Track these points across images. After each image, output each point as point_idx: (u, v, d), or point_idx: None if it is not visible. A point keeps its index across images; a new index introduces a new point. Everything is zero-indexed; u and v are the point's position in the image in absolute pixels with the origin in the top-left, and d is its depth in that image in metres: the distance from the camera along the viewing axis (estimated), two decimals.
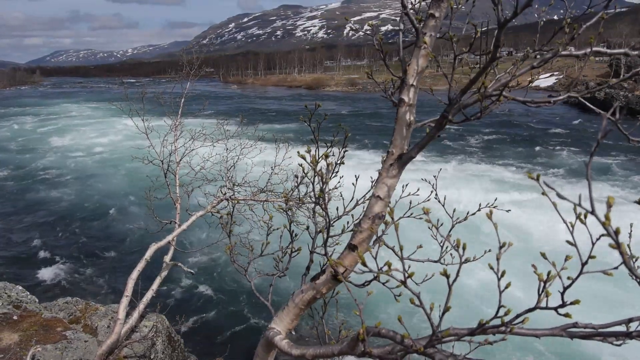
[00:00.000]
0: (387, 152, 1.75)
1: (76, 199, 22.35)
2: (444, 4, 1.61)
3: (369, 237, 1.78)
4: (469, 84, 1.51)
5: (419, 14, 1.71)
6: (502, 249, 1.16)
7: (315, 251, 1.93)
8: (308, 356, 1.63)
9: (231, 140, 9.45)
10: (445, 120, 1.59)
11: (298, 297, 1.90)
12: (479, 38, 1.88)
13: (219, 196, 8.85)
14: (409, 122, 1.71)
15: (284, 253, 2.42)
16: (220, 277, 13.68)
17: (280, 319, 1.93)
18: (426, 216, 1.37)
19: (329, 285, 1.84)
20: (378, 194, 1.74)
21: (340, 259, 1.81)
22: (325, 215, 1.82)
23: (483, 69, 1.46)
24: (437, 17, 1.62)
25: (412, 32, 1.91)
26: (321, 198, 1.78)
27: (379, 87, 2.15)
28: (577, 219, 1.05)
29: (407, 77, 1.67)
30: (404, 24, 1.73)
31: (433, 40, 1.63)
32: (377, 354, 1.37)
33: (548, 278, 1.17)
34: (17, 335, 7.44)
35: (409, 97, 1.69)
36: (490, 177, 22.91)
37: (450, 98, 1.56)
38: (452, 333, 1.20)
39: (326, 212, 1.81)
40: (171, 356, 9.15)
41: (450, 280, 1.14)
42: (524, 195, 18.58)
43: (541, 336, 1.33)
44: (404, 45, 1.74)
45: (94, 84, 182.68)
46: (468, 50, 1.56)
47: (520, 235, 13.35)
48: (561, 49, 1.48)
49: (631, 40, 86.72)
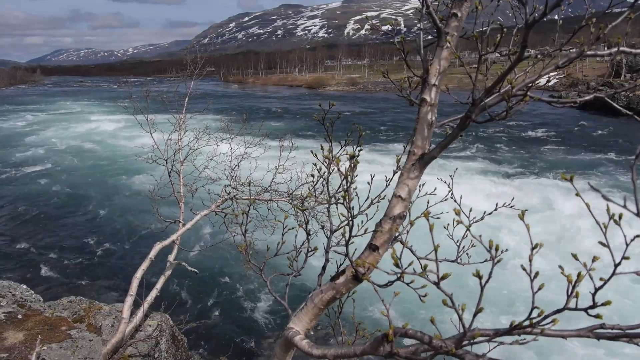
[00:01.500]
0: (408, 152, 1.75)
1: (80, 198, 22.36)
2: (467, 4, 1.60)
3: (390, 238, 1.77)
4: (494, 84, 1.50)
5: (437, 13, 1.70)
6: (534, 250, 1.16)
7: (336, 251, 1.93)
8: (329, 356, 1.62)
9: (235, 139, 9.46)
10: (468, 120, 1.58)
11: (317, 297, 1.89)
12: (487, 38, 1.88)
13: (223, 195, 8.86)
14: (431, 122, 1.70)
15: (298, 252, 2.42)
16: (224, 277, 13.68)
17: (299, 319, 1.92)
18: (457, 217, 1.37)
19: (349, 285, 1.83)
20: (399, 194, 1.74)
21: (361, 259, 1.81)
22: (350, 215, 1.81)
23: (509, 68, 1.46)
24: (459, 17, 1.61)
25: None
26: (346, 198, 1.77)
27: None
28: (610, 219, 1.05)
29: (429, 76, 1.66)
30: (423, 23, 1.72)
31: (455, 40, 1.63)
32: (404, 354, 1.37)
33: (578, 279, 1.17)
34: (22, 334, 7.44)
35: (431, 97, 1.68)
36: (489, 177, 22.90)
37: (474, 98, 1.56)
38: (484, 334, 1.20)
39: (350, 212, 1.81)
40: (175, 355, 9.15)
41: (482, 281, 1.14)
42: (528, 196, 18.59)
43: (568, 337, 1.33)
44: (420, 45, 1.74)
45: (94, 83, 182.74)
46: (494, 49, 1.56)
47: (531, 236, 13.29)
48: (586, 49, 1.47)
49: (631, 40, 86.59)
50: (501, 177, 23.18)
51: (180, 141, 9.38)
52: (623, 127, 39.00)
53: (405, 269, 1.36)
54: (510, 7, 1.88)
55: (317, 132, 40.08)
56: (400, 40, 1.73)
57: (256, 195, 8.89)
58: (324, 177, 2.31)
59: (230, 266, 14.01)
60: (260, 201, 8.93)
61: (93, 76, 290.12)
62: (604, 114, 46.23)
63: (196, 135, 9.57)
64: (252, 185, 9.06)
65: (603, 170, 24.43)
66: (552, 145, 32.47)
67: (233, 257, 13.73)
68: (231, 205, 9.04)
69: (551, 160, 27.33)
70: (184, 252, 8.41)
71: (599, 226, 1.09)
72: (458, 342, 1.22)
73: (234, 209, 8.87)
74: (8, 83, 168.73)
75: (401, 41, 1.72)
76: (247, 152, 9.31)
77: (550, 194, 19.33)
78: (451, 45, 1.62)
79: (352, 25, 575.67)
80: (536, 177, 22.84)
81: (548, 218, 15.81)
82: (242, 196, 8.96)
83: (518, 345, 1.19)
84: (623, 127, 39.00)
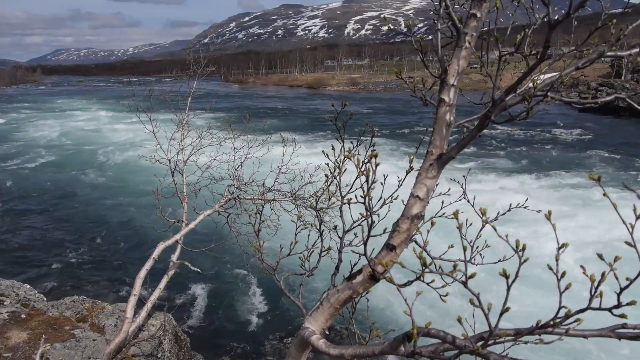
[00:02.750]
0: (426, 152, 1.75)
1: (83, 197, 22.38)
2: (486, 4, 1.60)
3: (407, 238, 1.77)
4: (515, 84, 1.50)
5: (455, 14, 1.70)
6: (560, 250, 1.15)
7: (354, 250, 1.93)
8: (347, 356, 1.62)
9: (238, 139, 9.46)
10: (487, 120, 1.58)
11: (334, 296, 1.89)
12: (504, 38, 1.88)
13: (226, 195, 8.86)
14: (449, 122, 1.70)
15: (309, 252, 2.42)
16: (226, 277, 13.69)
17: (315, 319, 1.92)
18: (484, 216, 1.37)
19: (365, 285, 1.83)
20: (417, 194, 1.74)
21: (377, 258, 1.81)
22: (370, 215, 1.81)
23: (530, 68, 1.46)
24: (478, 17, 1.61)
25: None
26: (367, 198, 1.78)
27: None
28: (638, 219, 1.05)
29: (447, 77, 1.66)
30: (440, 23, 1.72)
31: (474, 40, 1.63)
32: (427, 353, 1.37)
33: (602, 279, 1.17)
34: (26, 334, 7.45)
35: (450, 97, 1.68)
36: (499, 177, 22.90)
37: (493, 98, 1.56)
38: (510, 333, 1.20)
39: (370, 213, 1.81)
40: (178, 355, 9.15)
41: (509, 280, 1.14)
42: (534, 197, 18.58)
43: (589, 337, 1.33)
44: (438, 45, 1.74)
45: (95, 83, 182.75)
46: (515, 50, 1.56)
47: (542, 236, 13.27)
48: (606, 50, 1.47)
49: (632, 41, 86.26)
50: (510, 176, 23.14)
51: (183, 141, 9.38)
52: (625, 127, 39.03)
53: (425, 269, 1.36)
54: (524, 8, 1.89)
55: (319, 132, 40.09)
56: (418, 40, 1.73)
57: (259, 195, 8.89)
58: (336, 177, 2.31)
59: (233, 266, 14.01)
60: (263, 201, 8.94)
61: (93, 76, 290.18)
62: (603, 113, 46.23)
63: (199, 134, 9.57)
64: (255, 185, 9.07)
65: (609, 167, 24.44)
66: (554, 145, 32.46)
67: (236, 257, 13.72)
68: (234, 205, 9.04)
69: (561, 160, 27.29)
70: (186, 252, 8.41)
71: (625, 225, 1.09)
72: (484, 341, 1.22)
73: (238, 209, 8.87)
74: (9, 82, 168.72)
75: (419, 41, 1.72)
76: (251, 151, 9.31)
77: (565, 192, 19.38)
78: (471, 46, 1.62)
79: (352, 25, 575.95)
80: (547, 177, 22.79)
81: (568, 218, 15.82)
82: (246, 196, 8.96)
83: (543, 344, 1.19)
84: (625, 127, 39.03)
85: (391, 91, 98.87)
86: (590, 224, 15.24)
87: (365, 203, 1.81)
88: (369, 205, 1.80)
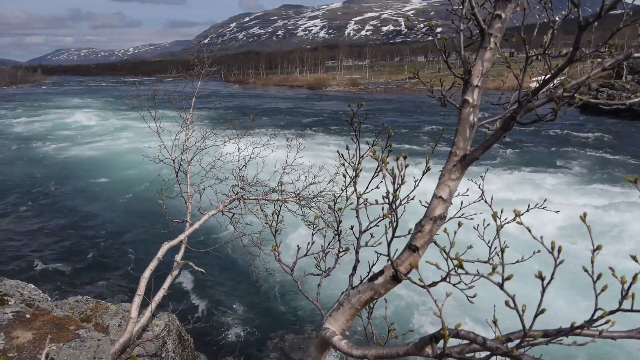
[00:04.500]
0: (449, 153, 1.75)
1: (87, 197, 22.37)
2: (511, 5, 1.60)
3: (430, 239, 1.77)
4: (542, 85, 1.50)
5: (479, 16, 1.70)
6: (595, 252, 1.15)
7: (377, 251, 1.93)
8: (370, 356, 1.61)
9: (242, 139, 9.46)
10: (513, 121, 1.58)
11: (355, 297, 1.88)
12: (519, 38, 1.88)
13: (230, 195, 8.85)
14: (473, 123, 1.70)
15: (325, 253, 2.42)
16: (230, 277, 13.69)
17: (335, 319, 1.91)
18: (519, 218, 1.37)
19: (387, 285, 1.82)
20: (440, 195, 1.74)
21: (400, 259, 1.80)
22: (395, 216, 1.81)
23: (559, 69, 1.46)
24: (503, 18, 1.61)
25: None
26: (394, 198, 1.77)
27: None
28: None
29: (471, 77, 1.66)
30: (463, 24, 1.72)
31: (499, 41, 1.63)
32: (456, 355, 1.36)
33: (634, 280, 1.17)
34: (31, 334, 7.44)
35: (473, 98, 1.68)
36: (513, 177, 22.87)
37: (519, 99, 1.56)
38: (544, 334, 1.20)
39: (396, 213, 1.80)
40: (181, 355, 9.14)
41: (544, 282, 1.14)
42: (561, 196, 18.60)
43: (617, 338, 1.33)
44: (461, 46, 1.74)
45: (96, 83, 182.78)
46: (543, 52, 1.56)
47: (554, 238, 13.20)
48: (634, 51, 1.47)
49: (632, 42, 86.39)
50: (524, 177, 23.08)
51: (188, 141, 9.38)
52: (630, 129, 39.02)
53: (458, 270, 1.35)
54: (544, 9, 1.88)
55: (321, 133, 40.09)
56: (442, 42, 1.72)
57: (263, 195, 8.89)
58: (351, 177, 2.31)
59: (236, 266, 14.01)
60: (267, 201, 8.94)
61: (93, 76, 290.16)
62: (604, 115, 46.17)
63: (203, 135, 9.57)
64: (259, 185, 9.06)
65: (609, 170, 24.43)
66: (555, 145, 32.43)
67: (239, 257, 13.73)
68: (238, 206, 9.04)
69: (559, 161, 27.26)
70: (190, 252, 8.41)
71: None
72: (517, 342, 1.22)
73: (242, 209, 8.87)
74: (9, 82, 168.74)
75: (444, 42, 1.72)
76: (255, 152, 9.31)
77: (579, 193, 19.39)
78: (497, 47, 1.62)
79: (352, 25, 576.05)
80: (559, 177, 22.75)
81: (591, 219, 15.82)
82: (250, 196, 8.95)
83: (576, 346, 1.19)
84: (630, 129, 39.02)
85: (392, 92, 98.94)
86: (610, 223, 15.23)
87: (391, 203, 1.80)
88: (394, 206, 1.80)
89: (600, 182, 21.83)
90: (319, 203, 8.80)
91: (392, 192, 1.77)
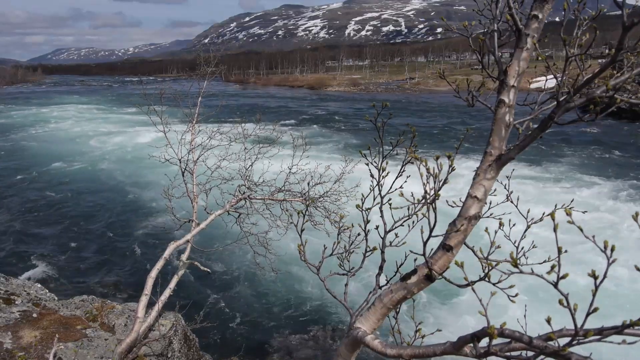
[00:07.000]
0: (484, 153, 1.74)
1: (93, 197, 22.37)
2: (548, 5, 1.60)
3: (464, 238, 1.77)
4: (583, 85, 1.50)
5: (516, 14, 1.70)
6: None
7: (412, 250, 1.93)
8: (405, 356, 1.61)
9: (249, 138, 9.45)
10: (550, 121, 1.58)
11: (387, 296, 1.88)
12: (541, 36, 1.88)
13: (237, 195, 8.85)
14: (508, 123, 1.70)
15: (349, 252, 2.42)
16: (235, 277, 13.68)
17: (366, 319, 1.91)
18: (570, 217, 1.36)
19: (421, 285, 1.82)
20: (475, 194, 1.74)
21: (433, 259, 1.80)
22: (434, 215, 1.81)
23: (600, 70, 1.46)
24: (540, 18, 1.61)
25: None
26: (435, 198, 1.77)
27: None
28: None
29: (507, 78, 1.66)
30: (497, 24, 1.72)
31: (535, 41, 1.62)
32: (501, 354, 1.36)
33: None
34: (38, 333, 7.44)
35: (509, 99, 1.68)
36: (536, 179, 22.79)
37: (558, 99, 1.56)
38: (596, 333, 1.20)
39: (435, 213, 1.80)
40: (187, 355, 9.14)
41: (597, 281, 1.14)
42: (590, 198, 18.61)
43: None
44: (495, 46, 1.74)
45: (96, 82, 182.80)
46: (585, 52, 1.56)
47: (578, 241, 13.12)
48: None
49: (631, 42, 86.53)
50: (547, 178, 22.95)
51: (194, 141, 9.38)
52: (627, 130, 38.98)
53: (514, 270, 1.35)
54: (571, 9, 1.88)
55: (324, 133, 40.10)
56: (478, 42, 1.72)
57: (270, 195, 8.90)
58: (376, 178, 2.31)
59: (242, 266, 14.00)
60: (274, 201, 8.94)
61: (94, 75, 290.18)
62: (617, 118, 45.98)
63: (209, 134, 9.56)
64: (265, 185, 9.06)
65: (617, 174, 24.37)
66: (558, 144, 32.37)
67: (246, 257, 13.72)
68: (244, 205, 9.04)
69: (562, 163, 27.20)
70: (196, 252, 8.41)
71: None
72: (569, 341, 1.22)
73: (248, 209, 8.87)
74: (9, 82, 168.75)
75: (480, 42, 1.72)
76: (261, 151, 9.31)
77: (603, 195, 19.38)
78: (536, 46, 1.62)
79: (353, 26, 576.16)
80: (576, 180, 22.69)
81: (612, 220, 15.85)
82: (256, 196, 8.95)
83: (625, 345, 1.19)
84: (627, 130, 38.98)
85: (392, 92, 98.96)
86: None
87: (430, 202, 1.80)
88: (434, 206, 1.80)
89: None
90: (325, 203, 8.81)
91: (435, 191, 1.77)
